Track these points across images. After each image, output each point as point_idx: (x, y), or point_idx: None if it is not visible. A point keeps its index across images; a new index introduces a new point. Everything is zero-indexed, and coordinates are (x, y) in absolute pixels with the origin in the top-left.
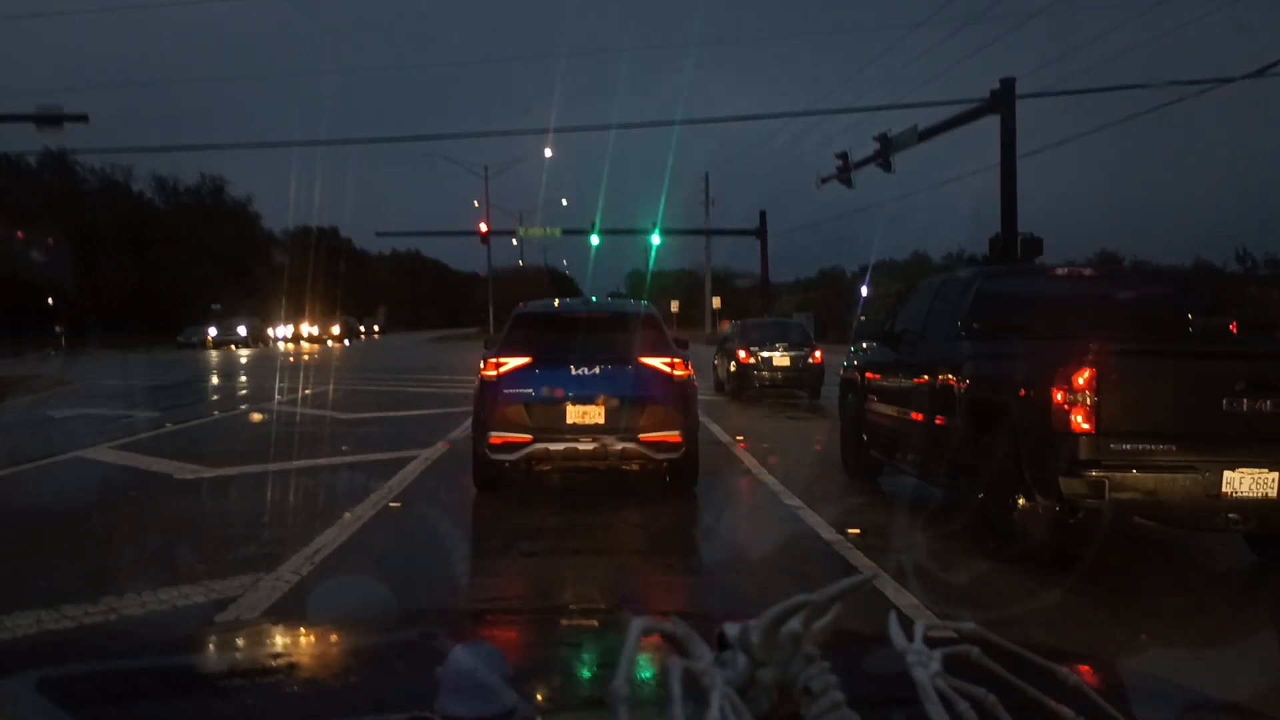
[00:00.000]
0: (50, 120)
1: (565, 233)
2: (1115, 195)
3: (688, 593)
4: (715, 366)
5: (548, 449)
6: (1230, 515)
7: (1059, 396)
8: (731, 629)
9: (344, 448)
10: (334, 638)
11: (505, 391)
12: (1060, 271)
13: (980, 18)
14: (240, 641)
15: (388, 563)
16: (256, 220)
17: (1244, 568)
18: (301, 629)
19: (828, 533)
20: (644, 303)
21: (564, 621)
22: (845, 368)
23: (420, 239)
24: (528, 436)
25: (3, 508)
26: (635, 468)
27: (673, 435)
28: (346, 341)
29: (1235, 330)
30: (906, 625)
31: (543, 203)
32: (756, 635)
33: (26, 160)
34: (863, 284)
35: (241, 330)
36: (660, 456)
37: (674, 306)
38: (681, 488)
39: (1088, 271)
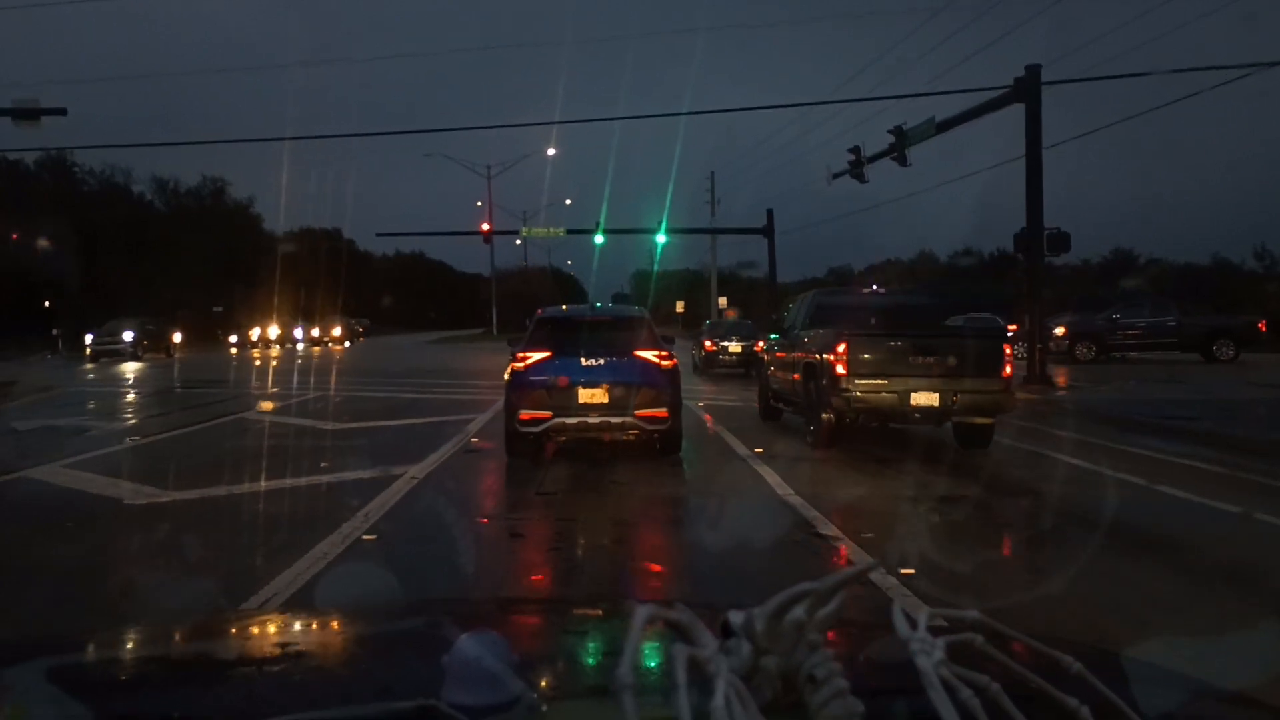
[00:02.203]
0: (27, 114)
1: (569, 232)
2: (1132, 191)
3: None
4: (692, 354)
5: (564, 423)
6: (915, 415)
7: (831, 358)
8: (736, 617)
9: (323, 464)
10: (341, 626)
11: (531, 378)
12: (865, 290)
13: (997, 3)
14: (248, 630)
15: None
16: (258, 222)
17: (1247, 558)
18: (309, 617)
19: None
20: (638, 307)
21: (569, 610)
22: (762, 349)
23: (424, 241)
24: (549, 413)
25: None
26: (632, 437)
27: (661, 411)
28: (346, 344)
29: (1264, 328)
30: (909, 614)
31: (546, 202)
32: (760, 623)
33: (25, 162)
34: (873, 284)
35: (127, 336)
36: (651, 428)
37: (679, 307)
38: (668, 452)
39: (882, 290)
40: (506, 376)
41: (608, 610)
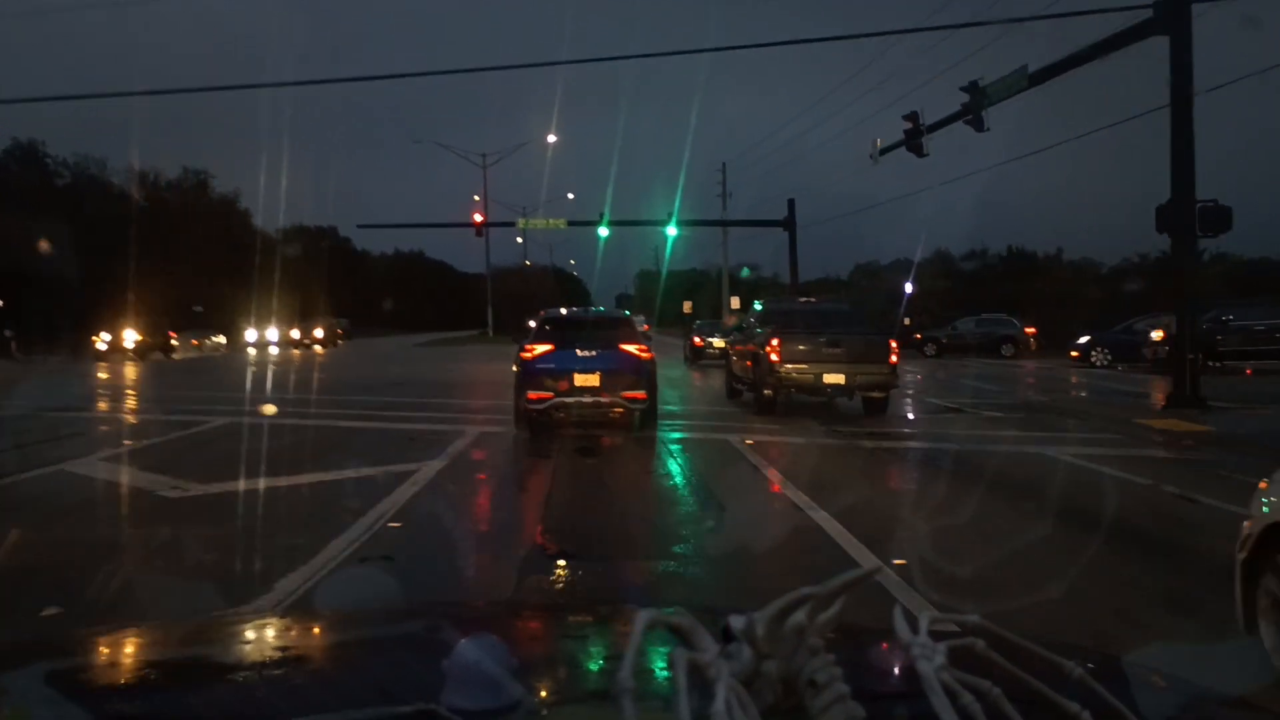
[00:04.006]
0: None
1: (571, 224)
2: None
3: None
4: (684, 348)
5: (564, 402)
6: (828, 390)
7: (768, 349)
8: (736, 621)
9: (47, 612)
10: (341, 630)
11: (537, 366)
12: (802, 299)
13: None
14: (248, 633)
15: None
16: (246, 217)
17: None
18: (309, 621)
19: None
20: (625, 311)
21: (569, 614)
22: (728, 343)
23: (425, 240)
24: (551, 394)
25: None
26: (617, 414)
27: (641, 393)
28: (319, 347)
29: None
30: (911, 618)
31: (546, 198)
32: (761, 628)
33: None
34: (906, 280)
35: None
36: (633, 407)
37: (686, 307)
38: (646, 425)
39: (814, 299)
40: (515, 368)
41: (608, 614)
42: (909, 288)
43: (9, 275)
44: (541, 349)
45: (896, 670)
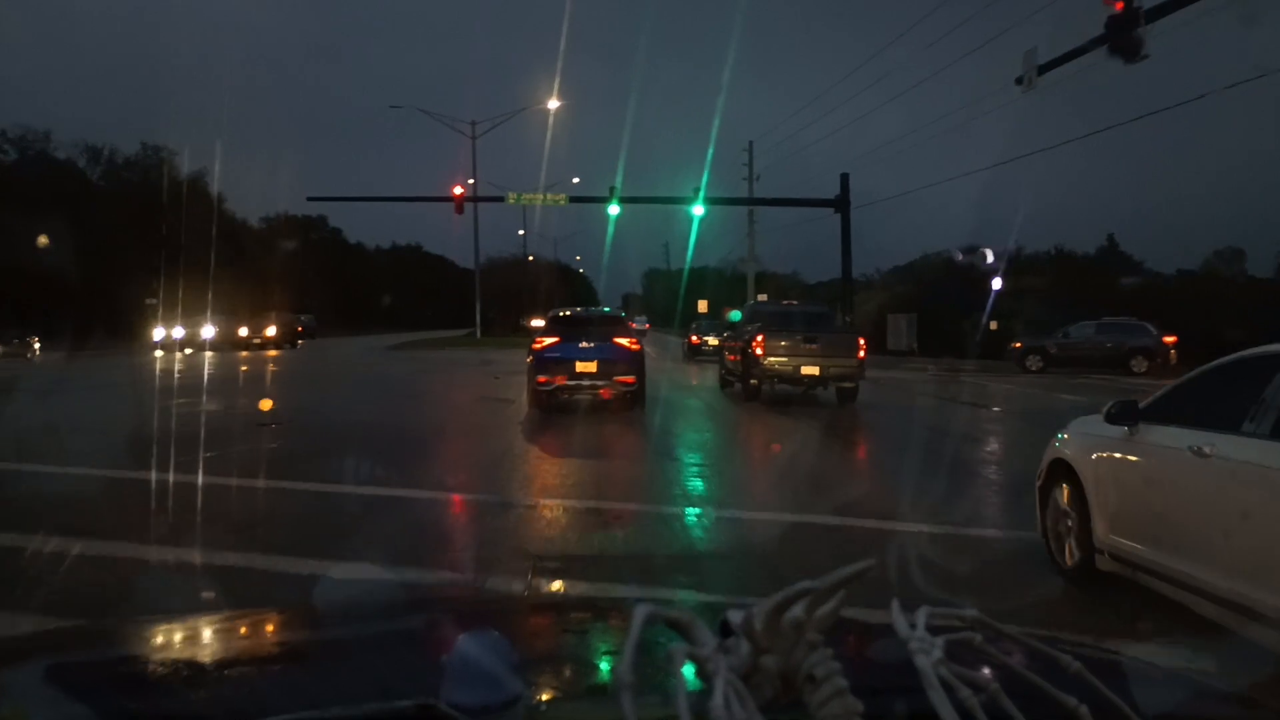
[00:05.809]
0: None
1: (574, 200)
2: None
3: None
4: (682, 346)
5: (567, 384)
6: (805, 380)
7: (753, 344)
8: (735, 616)
9: None
10: (341, 625)
11: (546, 356)
12: (785, 302)
13: None
14: (247, 628)
15: None
16: (218, 203)
17: None
18: (309, 616)
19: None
20: (622, 312)
21: (569, 609)
22: (721, 340)
23: (423, 234)
24: (556, 378)
25: None
26: (610, 395)
27: (630, 379)
28: (276, 348)
29: None
30: (909, 612)
31: (547, 182)
32: (760, 622)
33: None
34: (994, 278)
35: None
36: (624, 389)
37: (702, 306)
38: (636, 405)
39: (796, 302)
40: (529, 359)
41: (607, 609)
42: (996, 284)
43: None
44: (549, 341)
45: (895, 664)
